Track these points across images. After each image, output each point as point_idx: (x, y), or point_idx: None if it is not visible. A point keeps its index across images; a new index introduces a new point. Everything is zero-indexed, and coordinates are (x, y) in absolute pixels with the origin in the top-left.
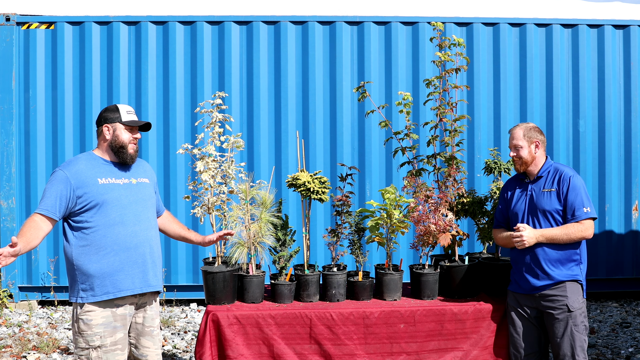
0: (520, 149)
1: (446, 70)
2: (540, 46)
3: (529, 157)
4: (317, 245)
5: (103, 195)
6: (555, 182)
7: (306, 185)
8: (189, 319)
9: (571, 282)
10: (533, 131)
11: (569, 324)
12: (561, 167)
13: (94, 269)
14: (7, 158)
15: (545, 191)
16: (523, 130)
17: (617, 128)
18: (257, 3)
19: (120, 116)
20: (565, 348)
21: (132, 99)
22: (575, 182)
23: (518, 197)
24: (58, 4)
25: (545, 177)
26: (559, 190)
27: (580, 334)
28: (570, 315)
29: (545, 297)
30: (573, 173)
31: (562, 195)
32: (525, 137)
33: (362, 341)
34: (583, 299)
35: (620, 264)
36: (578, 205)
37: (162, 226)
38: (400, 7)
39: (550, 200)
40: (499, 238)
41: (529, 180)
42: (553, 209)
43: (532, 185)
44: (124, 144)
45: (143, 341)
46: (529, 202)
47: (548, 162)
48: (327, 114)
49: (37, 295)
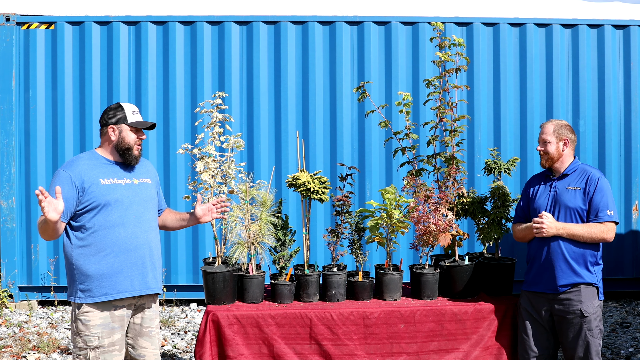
0: (548, 144)
1: (446, 70)
2: (540, 46)
3: (556, 153)
4: (317, 245)
5: (105, 196)
6: (582, 181)
7: (306, 185)
8: (189, 319)
9: (586, 286)
10: (564, 129)
11: (583, 329)
12: (589, 168)
13: (93, 270)
14: (7, 158)
15: (570, 189)
16: (554, 126)
17: (617, 128)
18: (257, 3)
19: (126, 117)
20: (579, 352)
21: (132, 99)
22: (603, 184)
23: (541, 193)
24: (58, 4)
25: (571, 176)
26: (586, 190)
27: (595, 338)
28: (585, 320)
29: (560, 301)
30: (601, 175)
31: (588, 195)
32: (554, 133)
33: (362, 341)
34: (599, 302)
35: (620, 264)
36: (603, 207)
37: (162, 222)
38: (400, 7)
39: (574, 198)
40: (517, 231)
41: (554, 177)
42: (577, 207)
43: (557, 182)
44: (130, 146)
45: (141, 341)
46: (552, 198)
47: (575, 162)
48: (327, 114)
49: (37, 295)
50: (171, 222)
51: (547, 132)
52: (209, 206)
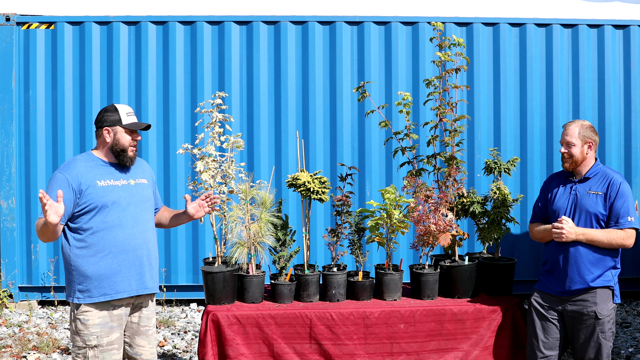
0: (573, 147)
1: (446, 70)
2: (540, 46)
3: (580, 156)
4: (317, 245)
5: (102, 198)
6: (604, 185)
7: (306, 185)
8: (189, 319)
9: (602, 289)
10: (589, 130)
11: (596, 330)
12: (611, 171)
13: (91, 271)
14: (7, 158)
15: (591, 193)
16: (579, 127)
17: (617, 128)
18: (257, 3)
19: (120, 119)
20: (590, 354)
21: (132, 99)
22: (625, 189)
23: (561, 195)
24: (58, 4)
25: (592, 179)
26: (607, 195)
27: (607, 340)
28: (598, 322)
29: (574, 302)
30: (623, 180)
31: (609, 201)
32: (579, 136)
33: (362, 341)
34: (613, 305)
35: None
36: (624, 213)
37: (157, 220)
38: (400, 7)
39: (595, 203)
40: (535, 231)
41: (575, 179)
42: (597, 212)
43: (578, 185)
44: (125, 148)
45: (138, 340)
46: (572, 201)
47: (597, 164)
48: (327, 114)
49: (37, 295)
50: (165, 219)
51: (571, 134)
52: (199, 202)
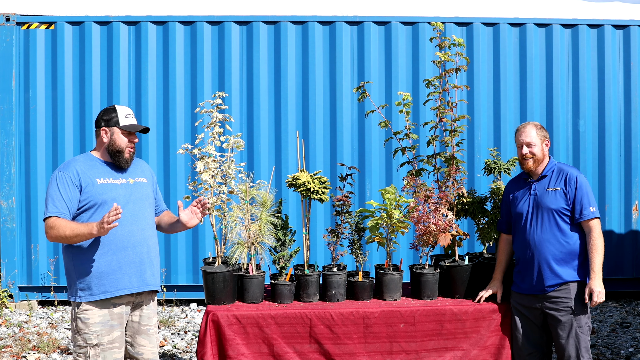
0: (534, 147)
1: (446, 70)
2: (540, 46)
3: (541, 154)
4: (317, 245)
5: (102, 195)
6: (561, 181)
7: (306, 185)
8: (189, 319)
9: (575, 283)
10: (543, 130)
11: (574, 326)
12: (565, 166)
13: (91, 269)
14: (7, 158)
15: (550, 190)
16: (535, 128)
17: (617, 128)
18: (257, 3)
19: (118, 120)
20: (570, 349)
21: (132, 99)
22: (582, 182)
23: (521, 197)
24: (58, 4)
25: (549, 177)
26: (566, 190)
27: (585, 334)
28: (575, 317)
29: (550, 299)
30: (578, 173)
31: (570, 195)
32: (538, 135)
33: (362, 340)
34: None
35: (620, 264)
36: (585, 204)
37: (157, 223)
38: (400, 7)
39: (555, 199)
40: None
41: (532, 179)
42: (559, 207)
43: (536, 184)
44: (121, 149)
45: (139, 339)
46: (532, 201)
47: (552, 161)
48: (327, 114)
49: (37, 295)
50: (165, 224)
51: (531, 135)
52: (191, 209)
